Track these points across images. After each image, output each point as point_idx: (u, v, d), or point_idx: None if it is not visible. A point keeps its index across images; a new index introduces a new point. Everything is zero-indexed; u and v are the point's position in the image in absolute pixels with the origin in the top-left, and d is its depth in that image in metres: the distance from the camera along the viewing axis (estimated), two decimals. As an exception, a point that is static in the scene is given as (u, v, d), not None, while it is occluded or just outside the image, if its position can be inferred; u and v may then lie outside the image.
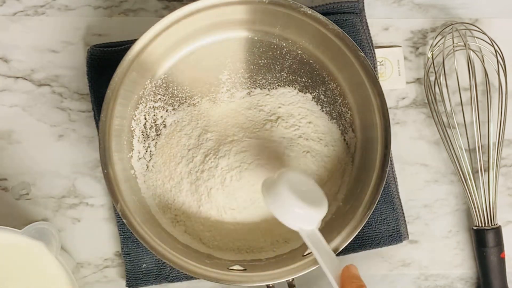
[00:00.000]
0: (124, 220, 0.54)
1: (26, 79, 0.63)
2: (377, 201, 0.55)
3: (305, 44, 0.60)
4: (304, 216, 0.52)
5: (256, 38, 0.61)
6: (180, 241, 0.58)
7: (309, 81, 0.61)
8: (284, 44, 0.61)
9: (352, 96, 0.61)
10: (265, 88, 0.61)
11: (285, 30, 0.60)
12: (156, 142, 0.60)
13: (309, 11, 0.56)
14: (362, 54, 0.56)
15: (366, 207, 0.56)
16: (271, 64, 0.61)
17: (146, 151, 0.60)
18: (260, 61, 0.61)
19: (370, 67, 0.56)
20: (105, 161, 0.54)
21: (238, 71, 0.61)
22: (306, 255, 0.56)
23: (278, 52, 0.61)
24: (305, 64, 0.61)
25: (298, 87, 0.61)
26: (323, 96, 0.61)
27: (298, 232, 0.53)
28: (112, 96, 0.55)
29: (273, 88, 0.61)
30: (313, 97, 0.61)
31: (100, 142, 0.54)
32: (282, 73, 0.61)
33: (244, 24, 0.60)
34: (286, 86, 0.61)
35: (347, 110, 0.61)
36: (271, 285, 0.55)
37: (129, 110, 0.59)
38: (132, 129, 0.59)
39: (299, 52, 0.61)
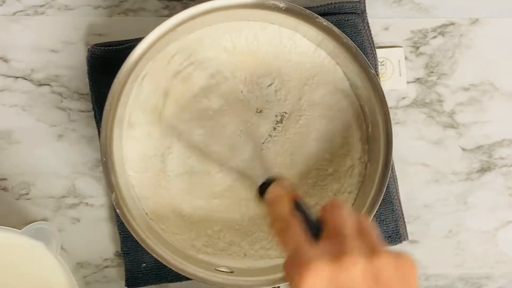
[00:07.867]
0: (117, 210, 0.53)
1: (26, 79, 0.63)
2: (379, 202, 0.55)
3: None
4: None
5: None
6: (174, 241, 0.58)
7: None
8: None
9: (352, 96, 0.60)
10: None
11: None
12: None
13: (325, 23, 0.55)
14: (369, 66, 0.55)
15: (368, 208, 0.55)
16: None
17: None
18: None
19: (372, 70, 0.55)
20: (105, 150, 0.54)
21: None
22: None
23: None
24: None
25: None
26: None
27: None
28: (116, 91, 0.54)
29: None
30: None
31: (102, 130, 0.53)
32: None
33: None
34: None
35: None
36: None
37: None
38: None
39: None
